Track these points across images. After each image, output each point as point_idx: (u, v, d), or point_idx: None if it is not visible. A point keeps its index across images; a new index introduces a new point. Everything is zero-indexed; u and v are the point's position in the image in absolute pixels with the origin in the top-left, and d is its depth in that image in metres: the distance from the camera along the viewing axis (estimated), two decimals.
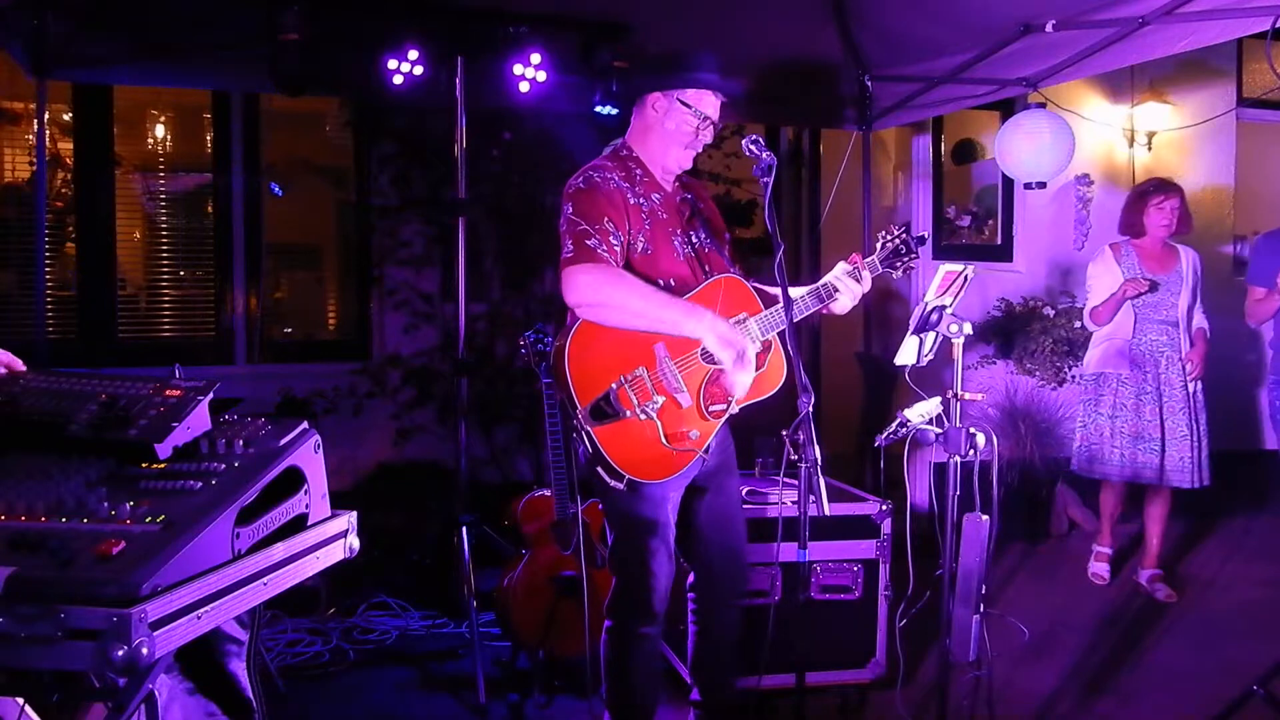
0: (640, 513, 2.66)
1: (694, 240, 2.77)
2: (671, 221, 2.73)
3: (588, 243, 2.54)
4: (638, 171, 2.73)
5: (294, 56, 3.84)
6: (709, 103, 2.71)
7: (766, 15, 4.22)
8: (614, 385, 2.54)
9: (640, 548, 2.67)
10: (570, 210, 2.61)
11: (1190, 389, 4.72)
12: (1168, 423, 4.68)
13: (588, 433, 2.53)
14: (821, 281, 2.74)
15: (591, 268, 2.53)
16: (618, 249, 2.58)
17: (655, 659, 2.82)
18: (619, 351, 2.57)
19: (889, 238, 2.78)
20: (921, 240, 2.78)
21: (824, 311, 2.78)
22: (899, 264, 2.76)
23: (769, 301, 2.72)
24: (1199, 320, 4.83)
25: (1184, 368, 4.70)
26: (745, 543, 2.90)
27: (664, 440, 2.57)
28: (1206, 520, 5.92)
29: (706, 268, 2.75)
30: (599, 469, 2.57)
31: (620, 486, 2.57)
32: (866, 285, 2.74)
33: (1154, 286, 4.71)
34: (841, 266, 2.74)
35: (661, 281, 2.64)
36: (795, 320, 2.53)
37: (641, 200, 2.68)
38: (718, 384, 2.64)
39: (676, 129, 2.70)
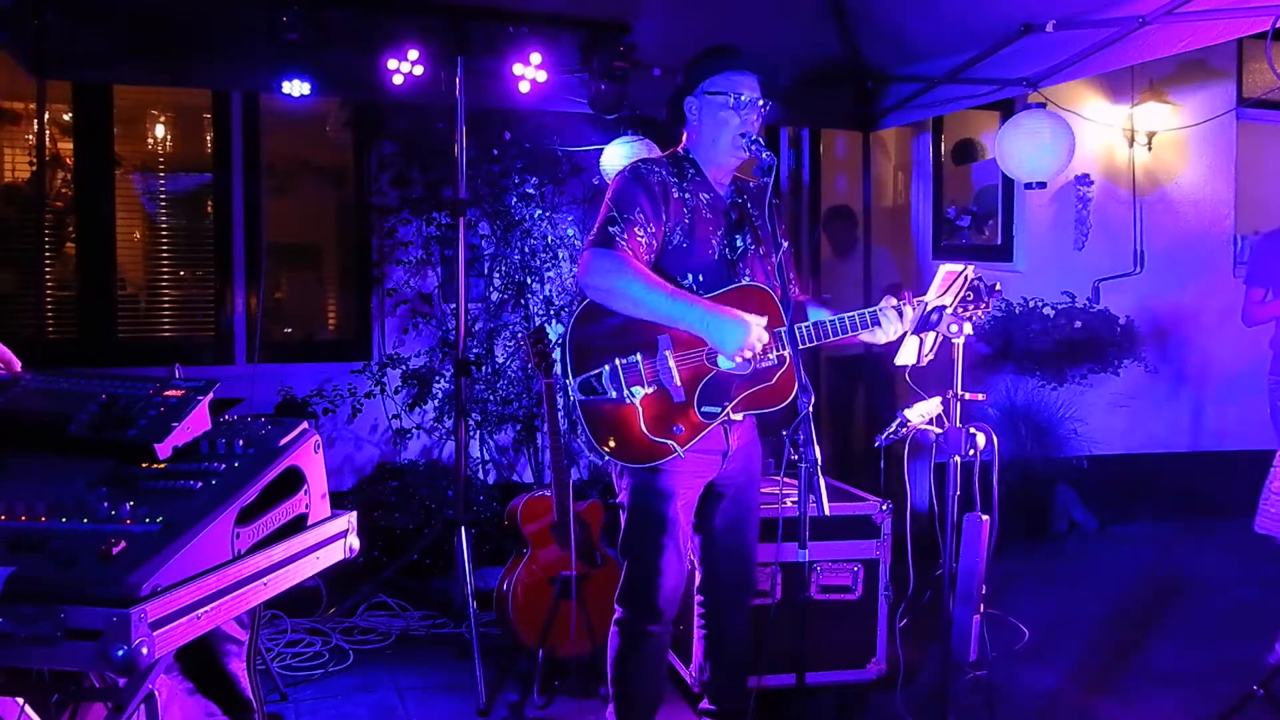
0: (647, 505, 2.70)
1: (736, 245, 2.77)
2: (716, 223, 2.75)
3: (610, 229, 2.60)
4: (690, 170, 2.77)
5: (294, 56, 3.84)
6: (739, 83, 2.72)
7: (767, 15, 4.22)
8: (606, 366, 2.61)
9: (645, 540, 2.71)
10: (609, 195, 2.69)
11: None
12: None
13: (575, 404, 2.65)
14: (869, 309, 2.71)
15: (606, 254, 2.58)
16: (642, 239, 2.61)
17: (660, 658, 2.83)
18: (620, 334, 2.63)
19: (957, 281, 2.68)
20: (995, 290, 2.70)
21: (865, 339, 2.73)
22: (968, 310, 2.69)
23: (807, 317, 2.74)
24: None
25: None
26: (755, 549, 2.90)
27: (643, 428, 2.61)
28: (1203, 520, 5.92)
29: (746, 273, 2.74)
30: (582, 440, 2.72)
31: (600, 461, 2.73)
32: (908, 324, 2.69)
33: None
34: (888, 300, 2.70)
35: (691, 277, 2.67)
36: (832, 341, 2.66)
37: (687, 196, 2.71)
38: (717, 386, 2.64)
39: (717, 120, 2.72)
